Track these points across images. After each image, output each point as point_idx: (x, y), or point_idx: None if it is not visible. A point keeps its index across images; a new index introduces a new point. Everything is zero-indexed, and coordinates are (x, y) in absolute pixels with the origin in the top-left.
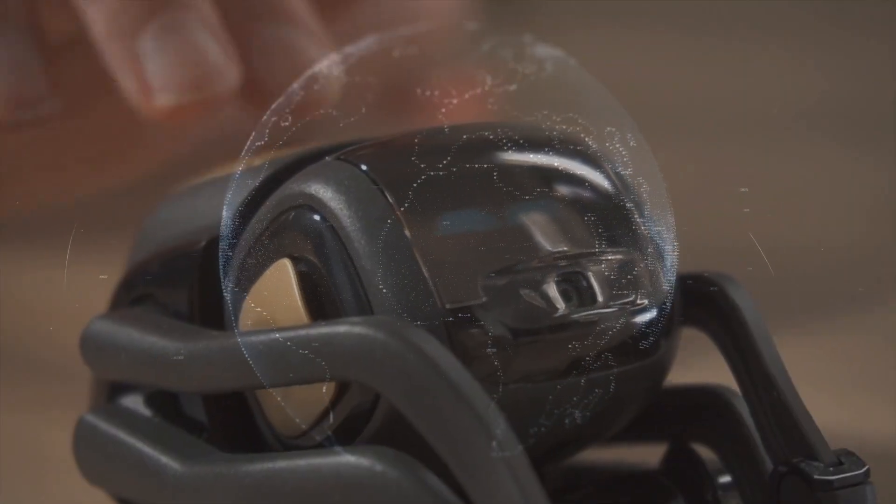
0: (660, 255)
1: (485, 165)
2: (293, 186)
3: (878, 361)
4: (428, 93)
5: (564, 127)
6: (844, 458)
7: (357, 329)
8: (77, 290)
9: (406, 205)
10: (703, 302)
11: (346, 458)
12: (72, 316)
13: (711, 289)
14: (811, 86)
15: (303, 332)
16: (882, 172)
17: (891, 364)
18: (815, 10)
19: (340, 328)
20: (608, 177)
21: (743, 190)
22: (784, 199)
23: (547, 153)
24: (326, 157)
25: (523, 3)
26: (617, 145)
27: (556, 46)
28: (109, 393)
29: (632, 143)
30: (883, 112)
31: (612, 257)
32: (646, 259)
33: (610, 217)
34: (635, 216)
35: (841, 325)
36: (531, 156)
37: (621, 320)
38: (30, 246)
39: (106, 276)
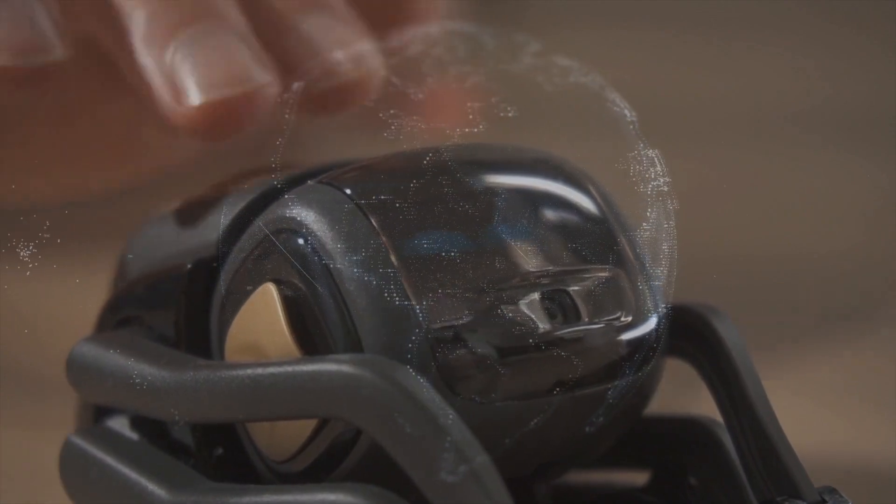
0: (645, 272)
1: (467, 187)
2: (277, 210)
3: (877, 370)
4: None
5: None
6: (827, 496)
7: (344, 368)
8: (76, 302)
9: (389, 227)
10: (688, 334)
11: (332, 496)
12: (70, 330)
13: (697, 321)
14: (812, 88)
15: (289, 369)
16: (883, 176)
17: (890, 373)
18: (816, 11)
19: (328, 366)
20: (591, 196)
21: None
22: (783, 202)
23: (529, 174)
24: (309, 181)
25: (514, 3)
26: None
27: (549, 47)
28: (96, 413)
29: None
30: (884, 115)
31: (596, 275)
32: (631, 276)
33: (593, 235)
34: (619, 234)
35: (840, 332)
36: (513, 177)
37: (606, 337)
38: (30, 257)
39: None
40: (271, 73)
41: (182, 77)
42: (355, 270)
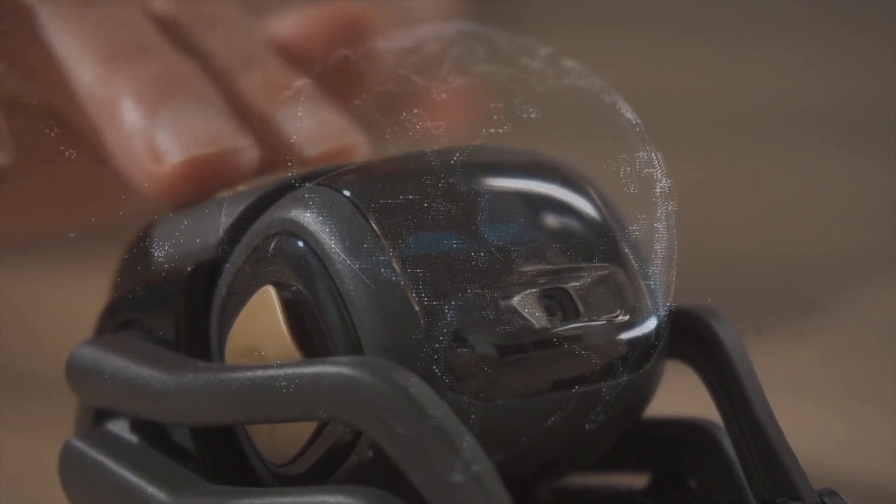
0: (644, 271)
1: (465, 188)
2: (275, 213)
3: (878, 371)
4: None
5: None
6: (827, 499)
7: (344, 370)
8: (76, 303)
9: (388, 228)
10: (688, 336)
11: (332, 498)
12: (70, 330)
13: (697, 323)
14: (812, 88)
15: (289, 371)
16: (883, 176)
17: (891, 374)
18: (816, 11)
19: (327, 368)
20: (590, 197)
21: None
22: (783, 202)
23: (527, 175)
24: (307, 183)
25: (514, 3)
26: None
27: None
28: (95, 415)
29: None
30: (884, 115)
31: (594, 273)
32: (630, 275)
33: (591, 236)
34: (618, 234)
35: (841, 334)
36: (511, 178)
37: (606, 334)
38: (28, 260)
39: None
40: (249, 141)
41: (162, 140)
42: (354, 272)
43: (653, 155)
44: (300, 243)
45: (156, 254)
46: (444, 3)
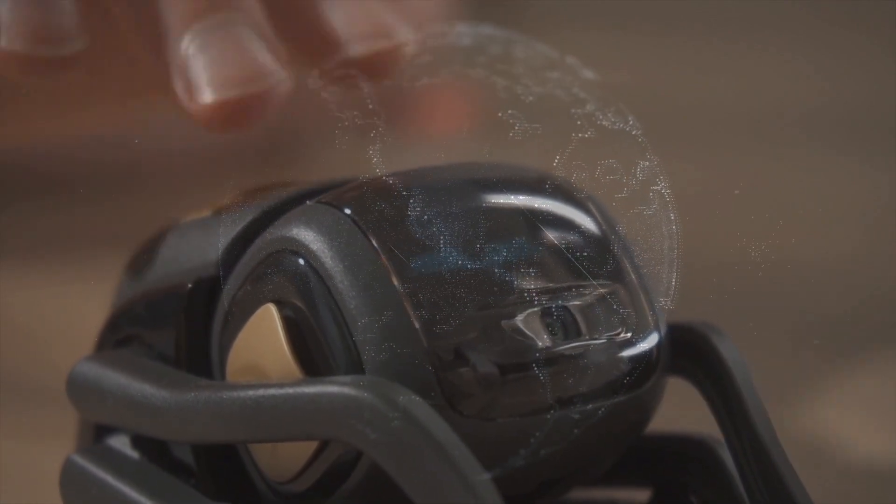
0: (645, 287)
1: (466, 205)
2: (277, 230)
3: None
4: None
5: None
6: None
7: (346, 390)
8: (75, 310)
9: (389, 246)
10: (689, 352)
11: None
12: (69, 338)
13: (698, 339)
14: (812, 90)
15: (291, 391)
16: (883, 179)
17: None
18: (816, 12)
19: (329, 388)
20: (590, 213)
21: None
22: (783, 205)
23: (529, 192)
24: (308, 201)
25: (514, 3)
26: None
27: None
28: (96, 432)
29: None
30: (886, 117)
31: (596, 291)
32: (631, 292)
33: (593, 252)
34: (619, 251)
35: (840, 337)
36: (512, 195)
37: (607, 352)
38: (28, 268)
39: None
40: (283, 68)
41: (194, 74)
42: (355, 290)
43: (653, 162)
44: (301, 261)
45: (157, 270)
46: (444, 2)
